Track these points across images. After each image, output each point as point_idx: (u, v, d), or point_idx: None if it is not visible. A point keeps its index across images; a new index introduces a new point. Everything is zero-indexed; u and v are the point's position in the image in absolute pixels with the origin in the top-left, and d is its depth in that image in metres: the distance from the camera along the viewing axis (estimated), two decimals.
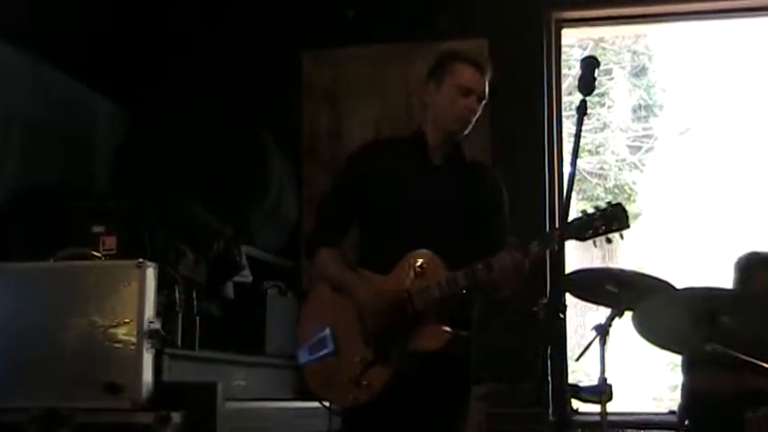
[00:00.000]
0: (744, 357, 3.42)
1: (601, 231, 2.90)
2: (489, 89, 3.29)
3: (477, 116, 3.31)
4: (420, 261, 3.14)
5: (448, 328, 3.12)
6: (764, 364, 3.40)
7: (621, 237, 2.90)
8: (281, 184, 5.35)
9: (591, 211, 2.93)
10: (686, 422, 4.42)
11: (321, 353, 3.22)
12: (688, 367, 4.49)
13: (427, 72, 3.37)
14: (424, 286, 3.11)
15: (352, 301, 3.19)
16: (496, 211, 3.37)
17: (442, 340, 3.11)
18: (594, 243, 2.93)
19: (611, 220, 2.89)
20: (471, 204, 3.28)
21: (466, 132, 3.33)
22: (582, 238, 2.94)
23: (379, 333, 3.13)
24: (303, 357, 3.29)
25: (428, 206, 3.23)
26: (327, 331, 3.22)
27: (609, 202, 2.92)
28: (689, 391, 4.49)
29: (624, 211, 2.90)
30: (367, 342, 3.15)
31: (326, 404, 3.25)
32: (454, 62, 3.29)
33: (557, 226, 2.98)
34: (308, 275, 4.25)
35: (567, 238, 3.02)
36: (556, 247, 3.01)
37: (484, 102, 3.31)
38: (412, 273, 3.14)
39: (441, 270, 3.12)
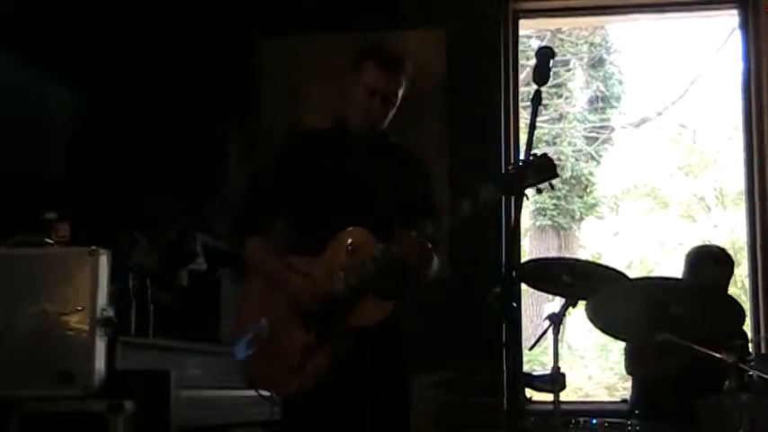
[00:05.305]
0: (693, 346, 3.47)
1: (531, 182, 2.84)
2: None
3: (389, 115, 3.28)
4: (352, 239, 3.11)
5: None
6: (713, 353, 3.44)
7: (552, 187, 2.87)
8: (236, 172, 5.32)
9: (519, 163, 2.85)
10: (637, 411, 4.47)
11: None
12: (639, 356, 4.54)
13: (351, 62, 3.32)
14: (357, 262, 3.06)
15: (285, 289, 3.14)
16: (422, 191, 3.35)
17: (382, 313, 3.07)
18: (526, 196, 2.90)
19: (540, 169, 2.83)
20: (397, 187, 3.25)
21: (382, 128, 3.30)
22: (515, 190, 2.89)
23: (317, 316, 3.08)
24: (241, 352, 3.23)
25: (356, 189, 3.21)
26: (263, 322, 3.17)
27: (534, 154, 2.87)
28: (640, 380, 4.54)
29: (550, 160, 2.83)
30: (306, 327, 3.10)
31: (266, 394, 3.18)
32: (364, 60, 3.24)
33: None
34: None
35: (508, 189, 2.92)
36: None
37: (396, 101, 3.25)
38: (344, 251, 3.10)
39: (374, 246, 3.06)
